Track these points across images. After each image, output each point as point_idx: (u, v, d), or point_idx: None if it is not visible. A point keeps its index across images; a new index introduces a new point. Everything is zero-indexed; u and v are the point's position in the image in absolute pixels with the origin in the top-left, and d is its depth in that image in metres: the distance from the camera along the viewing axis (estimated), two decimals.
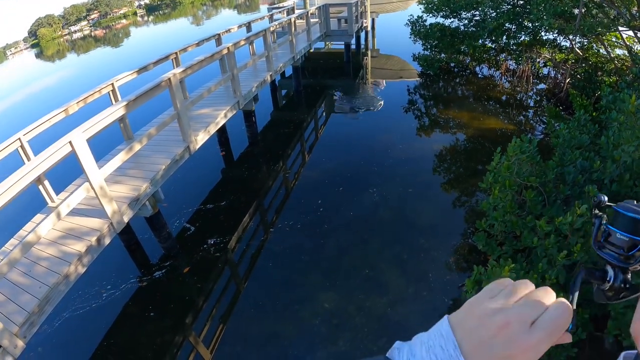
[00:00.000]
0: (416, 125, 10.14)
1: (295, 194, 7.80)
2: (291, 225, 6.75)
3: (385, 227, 6.46)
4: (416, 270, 5.56)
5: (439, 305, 5.05)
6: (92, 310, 5.70)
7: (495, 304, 0.49)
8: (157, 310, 5.60)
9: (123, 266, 6.39)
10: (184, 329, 5.34)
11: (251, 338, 5.02)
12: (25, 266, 4.53)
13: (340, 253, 6.05)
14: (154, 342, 5.24)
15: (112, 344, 5.32)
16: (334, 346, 4.71)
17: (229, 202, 7.60)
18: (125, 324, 5.54)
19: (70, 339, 5.48)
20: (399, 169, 8.00)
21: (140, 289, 5.95)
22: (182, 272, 6.10)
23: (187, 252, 6.45)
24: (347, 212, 6.90)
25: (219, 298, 5.72)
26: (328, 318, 5.07)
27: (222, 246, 6.48)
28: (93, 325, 5.55)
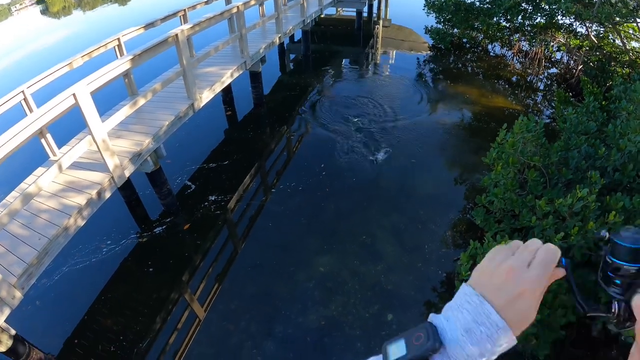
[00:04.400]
0: (424, 97, 10.02)
1: (298, 157, 7.81)
2: (292, 187, 6.79)
3: (385, 195, 6.51)
4: (413, 241, 5.64)
5: (433, 276, 5.15)
6: (91, 265, 5.79)
7: (499, 259, 0.63)
8: (155, 266, 5.71)
9: (123, 222, 6.45)
10: (180, 286, 5.46)
11: (245, 297, 5.15)
12: (26, 218, 4.56)
13: (338, 218, 6.12)
14: (151, 297, 5.38)
15: (109, 298, 5.44)
16: (326, 309, 4.83)
17: (232, 162, 7.60)
18: (123, 279, 5.65)
19: (69, 293, 5.59)
20: (403, 140, 7.98)
21: (139, 245, 6.04)
22: (182, 229, 6.18)
23: (188, 210, 6.51)
24: (349, 178, 6.93)
25: (216, 256, 5.82)
26: (322, 281, 5.18)
27: (222, 205, 6.54)
28: (91, 279, 5.66)
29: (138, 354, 4.85)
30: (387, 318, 4.68)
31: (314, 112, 9.39)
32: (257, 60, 8.70)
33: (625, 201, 3.51)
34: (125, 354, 4.87)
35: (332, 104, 9.88)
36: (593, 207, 3.46)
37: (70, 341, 5.06)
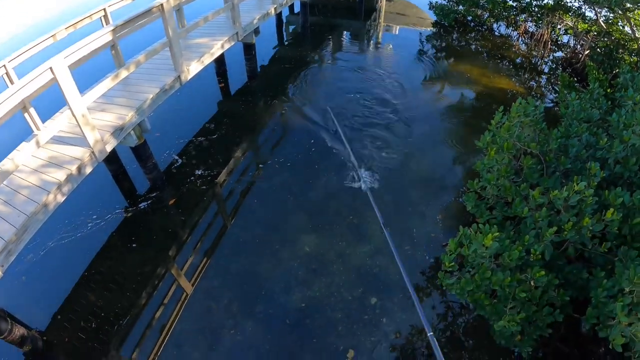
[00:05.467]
0: (425, 75, 9.73)
1: (290, 133, 7.59)
2: (281, 163, 6.64)
3: (375, 176, 6.34)
4: (402, 224, 5.52)
5: (420, 261, 5.06)
6: (77, 240, 5.70)
7: None
8: (140, 241, 5.61)
9: (109, 196, 6.32)
10: (165, 262, 5.38)
11: (229, 275, 5.07)
12: (6, 194, 4.44)
13: (327, 197, 5.99)
14: (136, 272, 5.30)
15: (95, 273, 5.37)
16: (309, 290, 4.75)
17: (222, 135, 7.41)
18: (108, 254, 5.56)
19: (54, 268, 5.51)
20: (400, 118, 7.75)
21: (125, 220, 5.92)
22: (168, 204, 6.06)
23: (174, 184, 6.37)
24: (340, 155, 6.76)
25: (202, 233, 5.71)
26: (307, 261, 5.09)
27: (209, 180, 6.39)
28: (77, 254, 5.57)
29: (122, 329, 4.82)
30: (370, 302, 4.60)
31: (310, 86, 9.13)
32: (251, 31, 8.38)
33: (625, 197, 3.34)
34: (110, 329, 4.83)
35: (328, 78, 9.60)
36: (590, 201, 3.29)
37: (56, 316, 5.02)
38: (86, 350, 4.74)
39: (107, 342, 4.79)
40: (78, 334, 4.85)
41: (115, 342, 4.80)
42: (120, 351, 4.77)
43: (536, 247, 3.42)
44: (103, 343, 4.78)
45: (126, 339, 4.83)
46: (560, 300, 3.43)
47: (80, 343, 4.79)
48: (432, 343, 3.49)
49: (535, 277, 3.29)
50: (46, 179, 4.55)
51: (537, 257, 3.41)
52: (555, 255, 3.61)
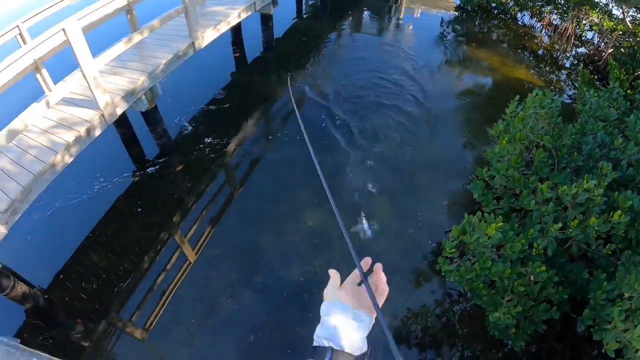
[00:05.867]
0: (443, 58, 9.50)
1: (302, 107, 7.45)
2: (291, 137, 6.59)
3: (386, 155, 6.27)
4: (407, 206, 5.49)
5: (423, 245, 5.04)
6: (83, 202, 5.76)
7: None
8: (146, 206, 5.67)
9: (118, 160, 6.35)
10: (171, 227, 5.44)
11: (231, 244, 5.12)
12: (14, 154, 4.49)
13: (335, 173, 5.94)
14: (141, 236, 5.38)
15: (99, 235, 5.46)
16: (309, 265, 4.80)
17: (233, 105, 7.34)
18: (114, 217, 5.64)
19: (60, 229, 5.60)
20: (414, 100, 7.57)
21: (132, 184, 5.97)
22: (175, 170, 6.09)
23: (183, 151, 6.38)
24: (352, 132, 6.67)
25: (209, 200, 5.74)
26: (309, 236, 5.12)
27: (219, 148, 6.37)
28: (83, 216, 5.65)
29: (123, 292, 4.93)
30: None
31: (326, 61, 8.96)
32: (269, 1, 8.21)
33: (634, 200, 3.26)
34: (111, 291, 4.95)
35: (345, 54, 9.42)
36: (598, 201, 3.24)
37: (58, 276, 5.14)
38: (86, 310, 4.85)
39: (107, 304, 4.90)
40: (79, 294, 4.97)
41: (115, 304, 4.91)
42: (120, 313, 4.88)
43: (539, 242, 3.38)
44: (103, 304, 4.89)
45: (126, 301, 4.94)
46: (558, 297, 3.41)
47: (81, 303, 4.91)
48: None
49: (536, 271, 3.27)
50: (55, 140, 4.58)
51: (539, 252, 3.39)
52: (558, 252, 3.57)
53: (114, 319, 4.82)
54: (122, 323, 4.82)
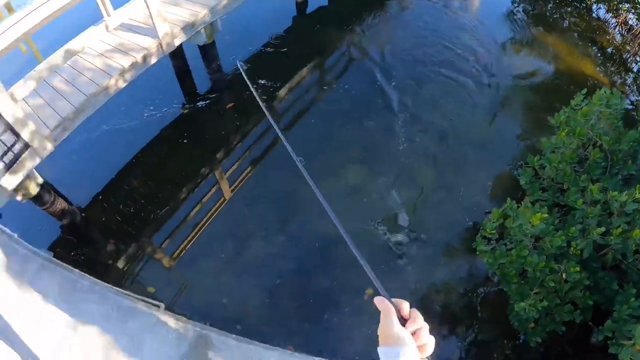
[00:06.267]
0: (510, 37, 8.93)
1: (359, 65, 7.12)
2: (345, 91, 6.40)
3: (437, 126, 6.02)
4: (450, 179, 5.36)
5: (459, 221, 4.95)
6: (131, 128, 5.92)
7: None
8: (192, 138, 5.78)
9: (169, 91, 6.42)
10: (212, 163, 5.57)
11: (270, 188, 5.18)
12: (69, 74, 4.61)
13: (384, 133, 5.79)
14: (182, 168, 5.54)
15: (142, 162, 5.65)
16: (343, 222, 4.79)
17: (291, 50, 7.12)
18: (159, 146, 5.80)
19: (105, 151, 5.80)
20: (474, 74, 7.10)
21: (181, 116, 6.07)
22: (225, 107, 6.13)
23: (235, 89, 6.37)
24: (405, 99, 6.37)
25: (254, 141, 5.79)
26: (348, 192, 5.10)
27: (271, 91, 6.30)
28: (129, 141, 5.82)
29: (158, 218, 5.15)
30: (398, 249, 4.63)
31: (388, 22, 8.49)
32: None
33: None
34: (146, 216, 5.17)
35: (409, 19, 8.93)
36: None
37: (97, 196, 5.38)
38: (120, 232, 5.10)
39: (141, 228, 5.13)
40: (115, 216, 5.21)
41: (148, 230, 5.14)
42: (152, 239, 5.11)
43: (579, 242, 3.32)
44: (137, 228, 5.12)
45: (159, 228, 5.16)
46: (584, 302, 3.38)
47: (116, 225, 5.15)
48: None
49: (569, 271, 3.24)
50: (110, 64, 4.69)
51: (575, 252, 3.33)
52: (593, 257, 3.50)
53: (144, 244, 5.05)
54: (152, 249, 5.05)
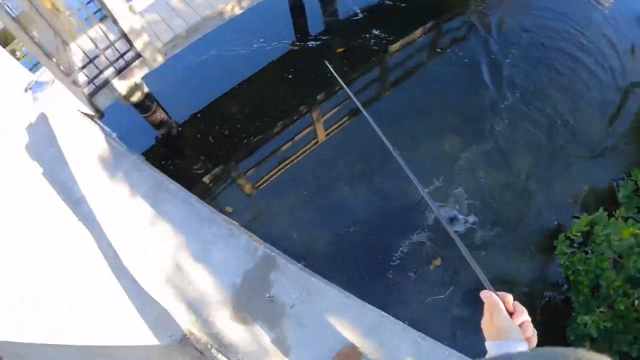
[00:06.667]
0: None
1: (477, 32, 6.24)
2: (459, 58, 5.77)
3: (546, 117, 5.15)
4: (545, 173, 4.69)
5: (543, 217, 4.36)
6: (238, 56, 5.98)
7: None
8: (297, 75, 5.70)
9: (281, 27, 6.33)
10: (311, 103, 5.45)
11: (365, 138, 4.91)
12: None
13: (488, 109, 5.23)
14: (282, 102, 5.49)
15: (245, 90, 5.71)
16: (428, 185, 4.47)
17: (411, 6, 6.52)
18: (263, 77, 5.80)
19: (210, 74, 5.94)
20: (594, 72, 5.98)
21: (289, 52, 5.99)
22: (335, 51, 5.92)
23: (347, 35, 6.09)
24: (518, 80, 5.57)
25: (358, 90, 5.52)
26: (442, 161, 4.72)
27: (383, 43, 5.93)
28: (234, 68, 5.90)
29: (248, 146, 5.22)
30: (476, 232, 4.23)
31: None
32: None
33: None
34: (238, 142, 5.26)
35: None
36: None
37: (195, 115, 5.59)
38: (211, 152, 5.27)
39: (231, 152, 5.25)
40: (210, 136, 5.37)
41: (238, 155, 5.24)
42: (240, 163, 5.21)
43: None
44: (228, 151, 5.25)
45: (249, 155, 5.24)
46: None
47: (207, 143, 5.32)
48: None
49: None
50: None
51: None
52: None
53: (232, 167, 5.18)
54: (238, 173, 5.17)
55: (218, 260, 2.98)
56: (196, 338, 2.86)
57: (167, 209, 3.32)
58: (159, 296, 2.94)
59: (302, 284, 2.76)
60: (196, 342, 2.86)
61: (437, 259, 4.05)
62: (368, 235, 4.31)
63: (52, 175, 3.80)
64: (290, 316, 2.67)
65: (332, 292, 2.70)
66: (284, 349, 2.59)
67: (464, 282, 3.95)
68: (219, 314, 2.77)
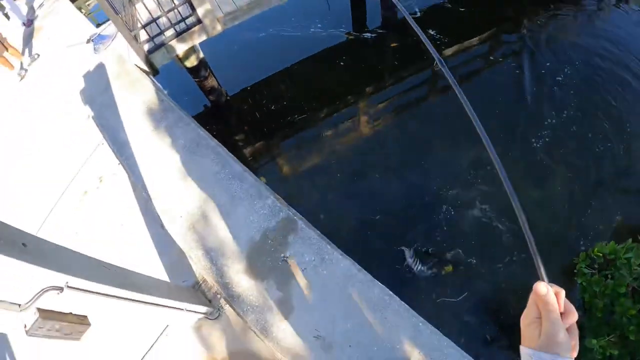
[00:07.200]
0: None
1: (533, 47, 6.00)
2: (512, 70, 5.56)
3: (594, 142, 4.80)
4: (581, 197, 4.47)
5: (571, 239, 4.20)
6: (294, 38, 6.15)
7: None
8: (348, 64, 5.76)
9: (340, 16, 6.41)
10: (359, 94, 5.47)
11: (405, 135, 4.93)
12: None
13: (534, 121, 5.02)
14: (331, 88, 5.57)
15: (296, 71, 5.85)
16: (467, 194, 4.33)
17: (469, 12, 6.37)
18: (315, 62, 5.90)
19: (264, 51, 6.12)
20: None
21: (344, 41, 6.07)
22: (389, 45, 5.94)
23: (402, 31, 6.08)
24: (569, 101, 5.22)
25: (406, 89, 5.53)
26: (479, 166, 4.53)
27: (439, 44, 5.87)
28: (289, 48, 6.04)
29: (293, 125, 5.34)
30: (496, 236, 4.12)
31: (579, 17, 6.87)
32: None
33: None
34: (283, 119, 5.40)
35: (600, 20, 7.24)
36: None
37: (246, 88, 5.80)
38: (255, 123, 5.45)
39: (275, 127, 5.39)
40: (256, 109, 5.56)
41: (280, 131, 5.38)
42: (281, 140, 5.35)
43: None
44: (271, 126, 5.40)
45: (290, 134, 5.37)
46: None
47: (253, 116, 5.52)
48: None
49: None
50: None
51: None
52: None
53: (272, 142, 5.34)
54: (277, 149, 5.32)
55: (242, 215, 3.09)
56: (208, 286, 2.98)
57: (203, 162, 3.48)
58: (181, 241, 3.08)
59: (318, 249, 2.82)
60: (207, 290, 2.98)
61: (449, 265, 3.98)
62: (392, 226, 4.29)
63: (101, 119, 4.07)
64: (300, 279, 2.73)
65: (345, 263, 2.73)
66: (288, 309, 2.65)
67: (478, 289, 3.87)
68: (233, 265, 2.87)
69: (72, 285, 1.68)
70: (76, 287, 1.70)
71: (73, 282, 1.68)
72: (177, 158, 3.56)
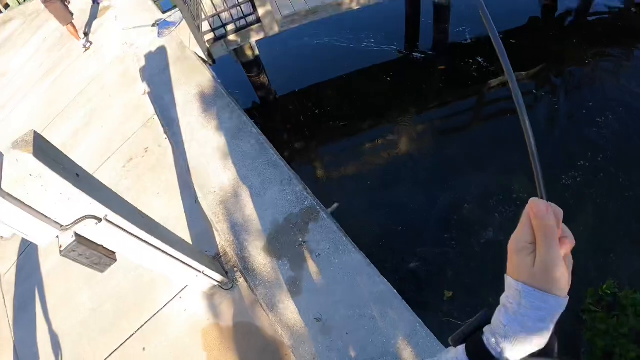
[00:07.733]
0: None
1: (583, 87, 5.89)
2: (555, 106, 5.48)
3: (622, 182, 4.56)
4: (602, 240, 4.25)
5: (585, 265, 4.00)
6: (346, 49, 6.39)
7: None
8: (395, 81, 5.92)
9: (393, 33, 6.58)
10: (402, 111, 5.51)
11: (440, 154, 5.01)
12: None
13: (566, 164, 4.83)
14: (374, 103, 5.72)
15: (346, 81, 6.08)
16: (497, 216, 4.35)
17: (521, 44, 6.22)
18: (364, 75, 6.11)
19: (317, 57, 6.35)
20: None
21: (394, 58, 6.24)
22: (437, 67, 6.06)
23: (452, 55, 6.20)
24: (607, 143, 5.04)
25: (450, 114, 5.60)
26: (500, 199, 4.47)
27: (483, 72, 5.83)
28: (340, 59, 6.26)
29: (335, 130, 5.53)
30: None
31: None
32: None
33: None
34: (325, 123, 5.64)
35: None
36: None
37: (295, 89, 6.06)
38: (297, 124, 5.69)
39: (316, 132, 5.61)
40: (301, 111, 5.82)
41: (321, 136, 5.59)
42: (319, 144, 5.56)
43: None
44: (313, 130, 5.62)
45: (329, 140, 5.57)
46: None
47: (297, 118, 5.76)
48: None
49: None
50: None
51: None
52: None
53: (311, 145, 5.54)
54: (315, 151, 5.51)
55: (270, 198, 3.30)
56: (227, 259, 3.19)
57: (243, 146, 3.74)
58: (210, 213, 3.33)
59: (334, 239, 2.97)
60: (225, 262, 3.19)
61: (450, 291, 3.93)
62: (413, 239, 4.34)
63: (155, 97, 4.43)
64: (313, 263, 2.89)
65: (357, 256, 2.87)
66: (296, 289, 2.81)
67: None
68: (254, 242, 3.08)
69: (110, 220, 1.92)
70: (113, 222, 1.93)
71: (111, 217, 1.92)
72: (220, 140, 3.84)
